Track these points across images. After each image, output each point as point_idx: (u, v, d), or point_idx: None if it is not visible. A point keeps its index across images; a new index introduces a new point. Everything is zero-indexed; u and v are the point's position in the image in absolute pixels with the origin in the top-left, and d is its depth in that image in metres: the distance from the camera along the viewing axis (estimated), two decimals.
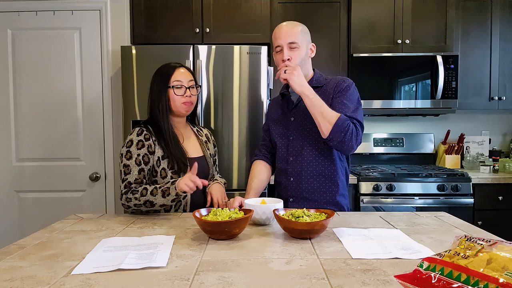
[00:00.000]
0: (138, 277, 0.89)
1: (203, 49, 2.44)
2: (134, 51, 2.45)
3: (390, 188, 2.50)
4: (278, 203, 1.36)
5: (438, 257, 0.73)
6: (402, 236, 1.20)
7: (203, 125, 2.35)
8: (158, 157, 1.58)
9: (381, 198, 2.50)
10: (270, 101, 2.36)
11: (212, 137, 1.86)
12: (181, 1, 2.72)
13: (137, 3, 2.72)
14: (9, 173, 2.72)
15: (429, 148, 3.11)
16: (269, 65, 2.63)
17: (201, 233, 1.25)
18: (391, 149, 3.10)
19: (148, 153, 1.57)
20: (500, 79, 2.86)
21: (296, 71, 1.50)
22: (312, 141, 1.61)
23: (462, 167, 3.02)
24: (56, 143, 2.71)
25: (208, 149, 1.77)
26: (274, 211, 1.25)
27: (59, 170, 2.71)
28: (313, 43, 1.65)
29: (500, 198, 2.56)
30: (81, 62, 2.70)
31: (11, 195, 2.73)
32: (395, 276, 0.76)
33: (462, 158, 3.05)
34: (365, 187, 2.52)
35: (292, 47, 1.56)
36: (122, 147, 1.60)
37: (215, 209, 1.27)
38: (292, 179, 1.65)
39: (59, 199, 2.70)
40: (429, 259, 0.74)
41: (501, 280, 0.63)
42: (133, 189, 1.52)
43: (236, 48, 2.44)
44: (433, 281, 0.69)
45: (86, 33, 2.70)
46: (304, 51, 1.59)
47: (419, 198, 2.50)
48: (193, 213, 1.23)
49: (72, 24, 2.69)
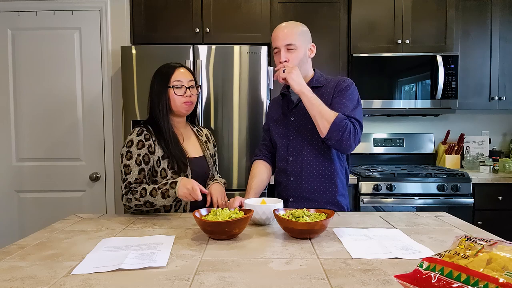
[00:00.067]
0: (138, 277, 0.89)
1: (203, 49, 2.44)
2: (134, 51, 2.45)
3: (390, 188, 2.50)
4: (278, 203, 1.36)
5: (438, 257, 0.73)
6: (402, 236, 1.20)
7: (203, 125, 2.35)
8: (158, 157, 1.58)
9: (381, 198, 2.50)
10: (270, 101, 2.36)
11: (212, 137, 1.86)
12: (181, 1, 2.72)
13: (137, 3, 2.72)
14: (9, 173, 2.72)
15: (429, 148, 3.11)
16: (269, 65, 2.63)
17: (201, 233, 1.25)
18: (391, 149, 3.10)
19: (148, 153, 1.57)
20: (500, 79, 2.86)
21: (294, 71, 1.51)
22: (312, 141, 1.61)
23: (462, 167, 3.02)
24: (56, 143, 2.71)
25: (208, 149, 1.77)
26: (274, 211, 1.25)
27: (59, 170, 2.71)
28: (313, 44, 1.65)
29: (500, 198, 2.56)
30: (81, 62, 2.70)
31: (11, 195, 2.73)
32: (395, 276, 0.76)
33: (462, 158, 3.05)
34: (365, 187, 2.52)
35: (289, 49, 1.57)
36: (122, 147, 1.60)
37: (215, 209, 1.27)
38: (292, 179, 1.65)
39: (59, 199, 2.70)
40: (429, 259, 0.74)
41: (501, 280, 0.63)
42: (132, 189, 1.52)
43: (236, 48, 2.44)
44: (433, 281, 0.69)
45: (86, 33, 2.70)
46: (302, 52, 1.59)
47: (419, 198, 2.50)
48: (193, 213, 1.23)
49: (72, 24, 2.69)
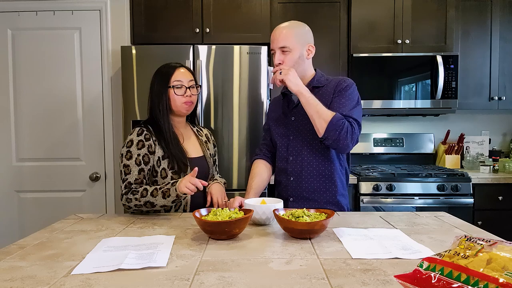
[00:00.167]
0: (138, 277, 0.89)
1: (203, 49, 2.44)
2: (134, 51, 2.45)
3: (390, 188, 2.50)
4: (278, 203, 1.36)
5: (438, 257, 0.73)
6: (402, 236, 1.20)
7: (203, 125, 2.35)
8: (158, 157, 1.58)
9: (381, 198, 2.50)
10: (270, 100, 2.36)
11: (212, 137, 1.86)
12: (181, 1, 2.72)
13: (137, 3, 2.72)
14: (9, 173, 2.72)
15: (429, 148, 3.11)
16: (269, 65, 2.63)
17: (201, 233, 1.25)
18: (391, 149, 3.10)
19: (148, 153, 1.57)
20: (500, 79, 2.86)
21: (291, 72, 1.51)
22: (312, 141, 1.61)
23: (462, 167, 3.02)
24: (56, 143, 2.71)
25: (208, 149, 1.77)
26: (274, 211, 1.25)
27: (59, 170, 2.71)
28: (311, 44, 1.63)
29: (500, 198, 2.56)
30: (81, 62, 2.70)
31: (11, 195, 2.73)
32: (395, 276, 0.76)
33: (462, 158, 3.05)
34: (365, 187, 2.52)
35: (284, 51, 1.57)
36: (122, 147, 1.60)
37: (215, 209, 1.27)
38: (292, 179, 1.65)
39: (59, 199, 2.70)
40: (429, 259, 0.74)
41: (501, 280, 0.62)
42: (133, 189, 1.52)
43: (236, 48, 2.44)
44: (433, 281, 0.69)
45: (86, 33, 2.70)
46: (297, 54, 1.58)
47: (419, 198, 2.50)
48: (193, 213, 1.23)
49: (72, 24, 2.69)
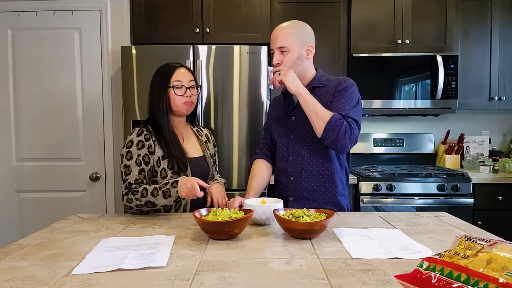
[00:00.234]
0: (138, 277, 0.89)
1: (203, 49, 2.44)
2: (134, 51, 2.45)
3: (390, 188, 2.50)
4: (278, 203, 1.36)
5: (438, 257, 0.73)
6: (402, 236, 1.20)
7: (203, 125, 2.35)
8: (158, 157, 1.58)
9: (381, 198, 2.50)
10: (271, 100, 2.36)
11: (212, 137, 1.86)
12: (181, 1, 2.72)
13: (137, 3, 2.72)
14: (9, 173, 2.72)
15: (429, 148, 3.11)
16: (269, 65, 2.63)
17: (201, 233, 1.25)
18: (391, 149, 3.10)
19: (148, 153, 1.57)
20: (500, 79, 2.86)
21: (289, 72, 1.52)
22: (312, 140, 1.61)
23: (462, 167, 3.02)
24: (56, 143, 2.71)
25: (208, 149, 1.77)
26: (274, 211, 1.25)
27: (59, 170, 2.71)
28: (311, 44, 1.62)
29: (500, 198, 2.56)
30: (81, 62, 2.70)
31: (11, 195, 2.73)
32: (395, 276, 0.76)
33: (462, 158, 3.05)
34: (365, 187, 2.52)
35: (282, 51, 1.58)
36: (122, 148, 1.60)
37: (215, 209, 1.27)
38: (292, 179, 1.65)
39: (59, 199, 2.70)
40: (429, 259, 0.74)
41: (501, 280, 0.62)
42: (133, 189, 1.52)
43: (236, 48, 2.44)
44: (433, 281, 0.69)
45: (86, 33, 2.70)
46: (295, 54, 1.58)
47: (419, 198, 2.50)
48: (193, 213, 1.23)
49: (72, 24, 2.69)
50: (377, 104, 2.77)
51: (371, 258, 1.00)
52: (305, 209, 1.27)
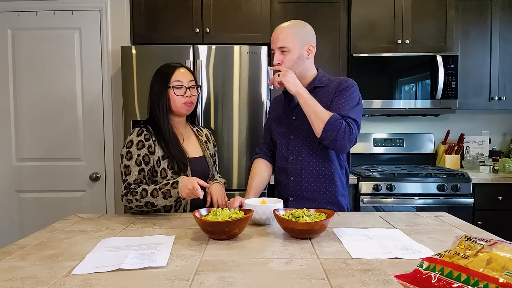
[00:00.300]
0: (138, 277, 0.89)
1: (203, 49, 2.44)
2: (134, 51, 2.45)
3: (390, 188, 2.50)
4: (278, 203, 1.36)
5: (438, 257, 0.73)
6: (402, 236, 1.20)
7: (203, 125, 2.35)
8: (158, 157, 1.58)
9: (381, 198, 2.50)
10: (271, 100, 2.36)
11: (212, 137, 1.86)
12: (181, 1, 2.72)
13: (137, 3, 2.72)
14: (9, 173, 2.72)
15: (429, 148, 3.11)
16: (269, 65, 2.63)
17: (201, 233, 1.25)
18: (391, 149, 3.10)
19: (148, 153, 1.57)
20: (500, 79, 2.86)
21: (289, 73, 1.52)
22: (313, 140, 1.61)
23: (462, 167, 3.02)
24: (56, 143, 2.71)
25: (208, 149, 1.77)
26: (274, 211, 1.25)
27: (59, 170, 2.71)
28: (311, 44, 1.62)
29: (500, 198, 2.56)
30: (81, 62, 2.70)
31: (11, 195, 2.73)
32: (395, 276, 0.76)
33: (462, 158, 3.05)
34: (365, 187, 2.52)
35: (283, 51, 1.58)
36: (122, 148, 1.60)
37: (215, 209, 1.27)
38: (292, 178, 1.65)
39: (59, 199, 2.70)
40: (429, 259, 0.74)
41: (501, 280, 0.62)
42: (132, 190, 1.52)
43: (236, 48, 2.44)
44: (433, 281, 0.69)
45: (86, 33, 2.70)
46: (296, 54, 1.58)
47: (419, 198, 2.50)
48: (193, 213, 1.23)
49: (72, 24, 2.69)
50: (377, 104, 2.77)
51: (371, 258, 1.00)
52: (305, 209, 1.27)
